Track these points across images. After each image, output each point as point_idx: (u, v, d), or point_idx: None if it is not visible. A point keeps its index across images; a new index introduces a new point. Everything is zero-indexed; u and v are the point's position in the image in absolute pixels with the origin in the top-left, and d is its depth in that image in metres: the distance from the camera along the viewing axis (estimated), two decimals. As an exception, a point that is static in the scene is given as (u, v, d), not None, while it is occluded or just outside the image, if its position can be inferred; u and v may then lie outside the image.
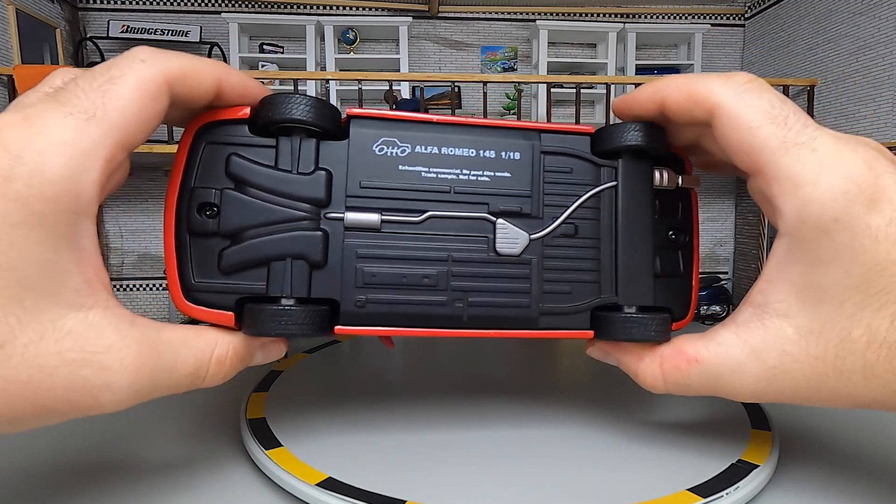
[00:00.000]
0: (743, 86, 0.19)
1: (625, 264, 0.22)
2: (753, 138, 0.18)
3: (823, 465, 0.24)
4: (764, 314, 0.19)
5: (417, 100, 1.45)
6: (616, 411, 0.28)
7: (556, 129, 0.22)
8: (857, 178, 0.17)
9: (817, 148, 0.17)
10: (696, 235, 0.24)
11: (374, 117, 0.21)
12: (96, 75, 0.16)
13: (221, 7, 1.53)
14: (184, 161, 0.20)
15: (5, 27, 1.26)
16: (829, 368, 0.18)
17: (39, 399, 0.15)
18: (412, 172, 0.21)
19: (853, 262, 0.17)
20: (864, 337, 0.17)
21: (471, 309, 0.21)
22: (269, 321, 0.19)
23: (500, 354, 0.40)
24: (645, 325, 0.21)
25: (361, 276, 0.20)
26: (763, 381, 0.19)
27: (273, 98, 0.20)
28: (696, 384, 0.20)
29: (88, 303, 0.16)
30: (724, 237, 1.43)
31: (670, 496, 0.20)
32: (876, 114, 1.08)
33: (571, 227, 0.22)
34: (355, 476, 0.21)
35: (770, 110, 0.18)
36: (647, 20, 1.53)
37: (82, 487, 0.23)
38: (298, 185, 0.20)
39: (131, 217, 1.43)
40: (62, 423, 0.17)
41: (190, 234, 0.20)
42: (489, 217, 0.21)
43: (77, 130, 0.15)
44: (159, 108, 0.17)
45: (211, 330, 0.20)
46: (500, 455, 0.24)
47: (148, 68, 0.17)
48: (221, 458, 0.25)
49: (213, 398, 0.32)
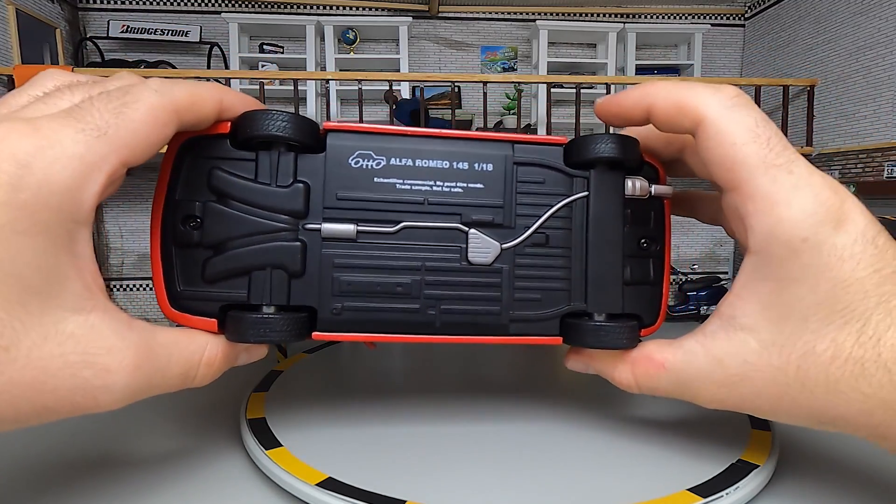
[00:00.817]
0: (731, 100, 0.19)
1: (594, 273, 0.22)
2: (735, 154, 0.18)
3: (823, 466, 0.24)
4: (730, 327, 0.20)
5: (417, 100, 1.45)
6: (616, 411, 0.28)
7: (529, 141, 0.23)
8: (826, 201, 0.17)
9: (793, 171, 0.18)
10: (668, 244, 0.24)
11: (349, 130, 0.22)
12: (112, 98, 0.17)
13: (221, 7, 1.53)
14: (168, 175, 0.21)
15: (5, 27, 1.26)
16: (790, 379, 0.18)
17: (42, 400, 0.16)
18: (387, 184, 0.22)
19: (819, 280, 0.17)
20: (829, 352, 0.18)
21: (443, 316, 0.22)
22: (251, 329, 0.20)
23: (500, 354, 0.40)
24: (612, 332, 0.22)
25: (338, 285, 0.21)
26: (724, 388, 0.20)
27: (252, 114, 0.21)
28: (665, 388, 0.22)
29: (88, 306, 0.17)
30: (724, 237, 1.43)
31: (670, 496, 0.20)
32: (876, 114, 1.08)
33: (543, 236, 0.22)
34: (355, 476, 0.21)
35: (755, 128, 0.18)
36: (647, 20, 1.52)
37: (82, 487, 0.23)
38: (277, 197, 0.21)
39: (131, 217, 1.43)
40: (62, 424, 0.17)
41: (175, 245, 0.21)
42: (462, 227, 0.22)
43: (86, 145, 0.16)
44: (166, 134, 0.19)
45: (201, 333, 0.21)
46: (500, 455, 0.24)
47: (159, 98, 0.18)
48: (221, 457, 0.25)
49: (214, 398, 0.32)
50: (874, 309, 0.17)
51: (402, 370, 0.37)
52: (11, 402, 0.15)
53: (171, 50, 1.56)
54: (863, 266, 0.17)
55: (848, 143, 1.20)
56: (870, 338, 0.17)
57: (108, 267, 1.14)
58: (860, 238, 0.17)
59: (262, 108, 0.21)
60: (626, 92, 0.22)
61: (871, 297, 0.17)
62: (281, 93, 1.51)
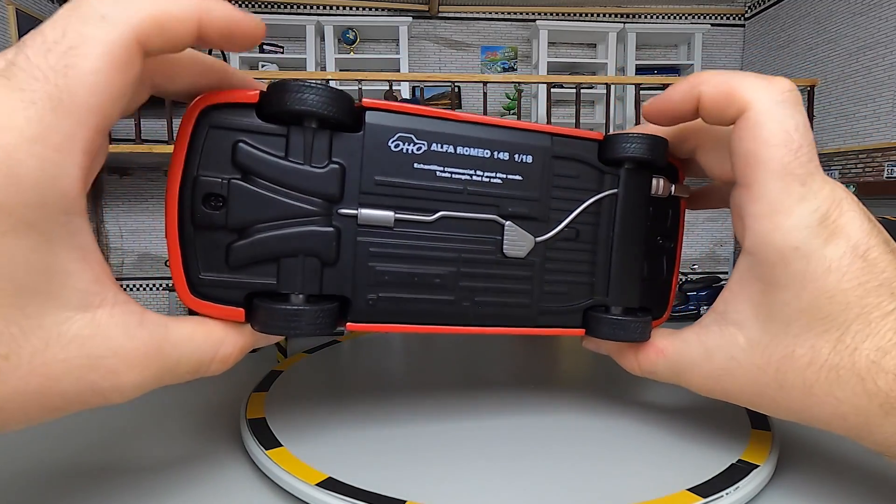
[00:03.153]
0: (782, 94, 0.19)
1: (618, 268, 0.23)
2: (762, 153, 0.18)
3: (823, 465, 0.24)
4: (723, 321, 0.21)
5: (417, 100, 1.45)
6: (616, 411, 0.28)
7: (567, 134, 0.22)
8: (823, 214, 0.18)
9: (806, 182, 0.18)
10: (681, 241, 0.25)
11: (389, 109, 0.20)
12: (50, 45, 0.14)
13: (221, 7, 1.52)
14: (185, 147, 0.19)
15: (5, 27, 1.26)
16: (769, 379, 0.19)
17: (50, 402, 0.15)
18: (427, 171, 0.21)
19: (804, 288, 0.18)
20: (807, 357, 0.18)
21: (477, 308, 0.22)
22: (283, 321, 0.19)
23: (500, 354, 0.40)
24: (631, 328, 0.23)
25: (374, 275, 0.20)
26: (710, 379, 0.21)
27: (285, 84, 0.19)
28: (662, 373, 0.23)
29: (96, 301, 0.16)
30: (724, 237, 1.42)
31: (670, 496, 0.20)
32: (876, 114, 1.08)
33: (573, 231, 0.23)
34: (355, 476, 0.21)
35: (792, 132, 0.18)
36: (647, 20, 1.52)
37: (83, 487, 0.23)
38: (311, 178, 0.19)
39: (131, 217, 1.43)
40: (62, 424, 0.17)
41: (195, 227, 0.19)
42: (499, 219, 0.22)
43: (44, 123, 0.13)
44: (133, 75, 0.15)
45: (218, 326, 0.19)
46: (500, 455, 0.24)
47: (112, 29, 0.14)
48: (221, 457, 0.25)
49: (213, 398, 0.32)
50: (854, 320, 0.18)
51: (403, 370, 0.37)
52: (20, 407, 0.15)
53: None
54: (848, 279, 0.18)
55: (848, 143, 1.20)
56: (846, 346, 0.18)
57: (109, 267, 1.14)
58: (849, 252, 0.18)
59: (294, 79, 0.19)
60: (672, 87, 0.21)
61: (852, 308, 0.18)
62: (281, 93, 1.51)
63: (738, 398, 0.21)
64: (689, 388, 0.22)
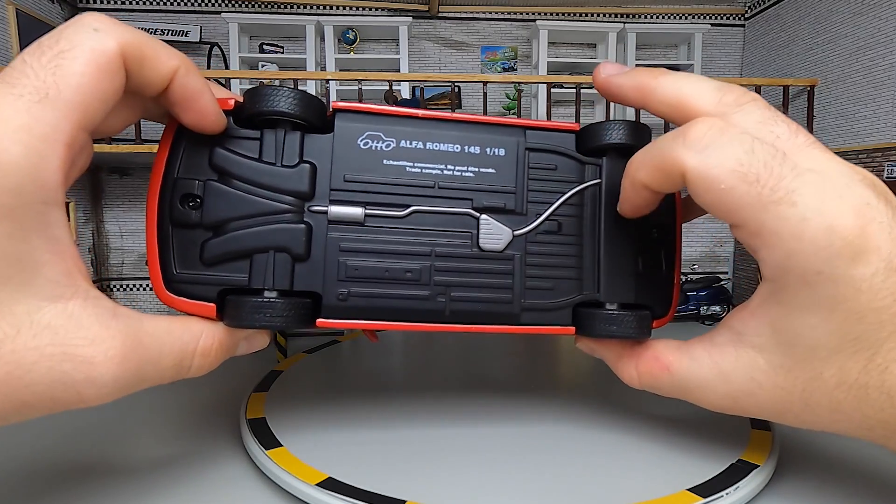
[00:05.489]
0: (702, 142, 0.17)
1: (607, 262, 0.22)
2: (729, 198, 0.17)
3: (823, 465, 0.24)
4: (739, 343, 0.20)
5: (417, 100, 1.45)
6: (616, 412, 0.28)
7: (541, 126, 0.22)
8: (841, 231, 0.16)
9: (797, 202, 0.16)
10: (679, 234, 0.24)
11: (359, 111, 0.21)
12: (44, 48, 0.15)
13: (221, 7, 1.52)
14: (167, 152, 0.20)
15: (5, 27, 1.26)
16: (794, 399, 0.18)
17: (18, 395, 0.15)
18: (397, 167, 0.21)
19: (833, 311, 0.17)
20: (835, 378, 0.17)
21: (453, 304, 0.21)
22: (252, 313, 0.19)
23: (500, 354, 0.40)
24: (625, 322, 0.21)
25: (344, 270, 0.21)
26: (728, 399, 0.20)
27: (258, 90, 0.20)
28: (666, 389, 0.22)
29: (67, 293, 0.15)
30: (724, 237, 1.42)
31: (670, 496, 0.20)
32: (876, 114, 1.08)
33: (555, 223, 0.22)
34: (355, 476, 0.21)
35: (738, 168, 0.17)
36: (647, 20, 1.52)
37: (83, 487, 0.23)
38: (282, 177, 0.20)
39: (131, 217, 1.43)
40: (63, 424, 0.17)
41: (172, 225, 0.20)
42: (473, 213, 0.22)
43: (30, 114, 0.14)
44: (117, 84, 0.16)
45: (196, 321, 0.19)
46: (500, 455, 0.24)
47: (101, 39, 0.15)
48: (221, 457, 0.25)
49: (213, 398, 0.32)
50: (887, 339, 0.16)
51: (403, 370, 0.37)
52: None
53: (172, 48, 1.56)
54: (882, 296, 0.16)
55: (848, 143, 1.20)
56: (877, 366, 0.17)
57: (108, 267, 1.14)
58: (882, 269, 0.16)
59: (268, 85, 0.20)
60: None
61: (885, 326, 0.16)
62: (281, 93, 1.51)
63: (758, 415, 0.20)
64: (697, 404, 0.21)
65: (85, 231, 1.17)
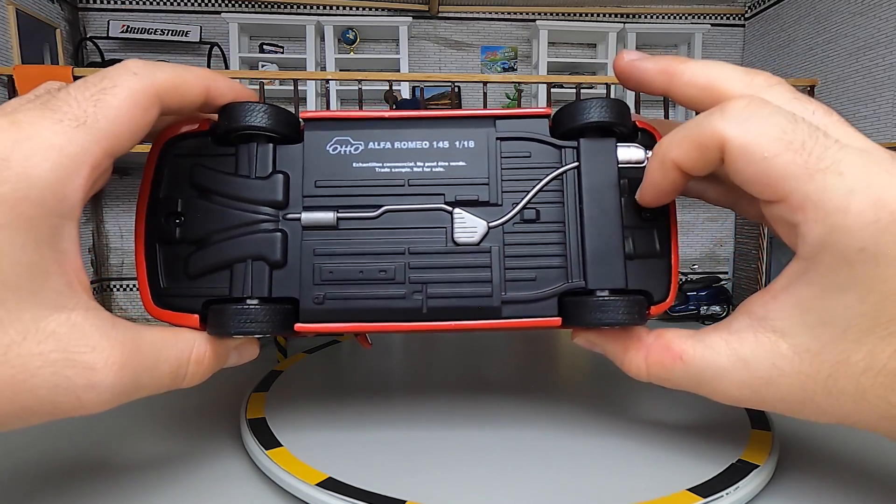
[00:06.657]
0: (743, 114, 0.17)
1: (592, 247, 0.21)
2: (772, 168, 0.17)
3: (823, 465, 0.24)
4: (760, 327, 0.19)
5: (418, 100, 1.45)
6: (616, 411, 0.28)
7: (511, 115, 0.22)
8: (890, 205, 0.15)
9: (844, 171, 0.16)
10: (674, 213, 0.23)
11: (326, 118, 0.22)
12: (88, 85, 0.17)
13: (221, 7, 1.53)
14: (151, 174, 0.21)
15: (5, 27, 1.26)
16: (818, 386, 0.18)
17: (21, 400, 0.15)
18: (366, 169, 0.21)
19: (870, 291, 0.16)
20: (863, 362, 0.17)
21: (430, 301, 0.21)
22: (231, 320, 0.20)
23: (501, 354, 0.40)
24: (614, 308, 0.20)
25: (319, 273, 0.21)
26: (746, 389, 0.19)
27: (230, 107, 0.21)
28: (678, 381, 0.20)
29: (70, 304, 0.16)
30: (724, 237, 1.42)
31: (670, 496, 0.20)
32: (876, 114, 1.08)
33: (533, 212, 0.22)
34: (355, 476, 0.21)
35: (782, 136, 0.16)
36: (647, 20, 1.52)
37: (82, 487, 0.23)
38: (257, 188, 0.21)
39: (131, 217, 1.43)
40: (64, 424, 0.17)
41: (159, 242, 0.21)
42: (445, 207, 0.22)
43: (66, 136, 0.16)
44: (149, 119, 0.18)
45: (188, 331, 0.20)
46: (499, 455, 0.24)
47: (139, 80, 0.18)
48: (221, 457, 0.25)
49: (214, 398, 0.32)
50: None
51: (403, 370, 0.37)
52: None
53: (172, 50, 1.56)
54: None
55: (848, 143, 1.19)
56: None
57: (109, 267, 1.14)
58: None
59: (241, 101, 0.21)
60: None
61: None
62: (281, 93, 1.51)
63: (776, 407, 0.19)
64: (711, 396, 0.20)
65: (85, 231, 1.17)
